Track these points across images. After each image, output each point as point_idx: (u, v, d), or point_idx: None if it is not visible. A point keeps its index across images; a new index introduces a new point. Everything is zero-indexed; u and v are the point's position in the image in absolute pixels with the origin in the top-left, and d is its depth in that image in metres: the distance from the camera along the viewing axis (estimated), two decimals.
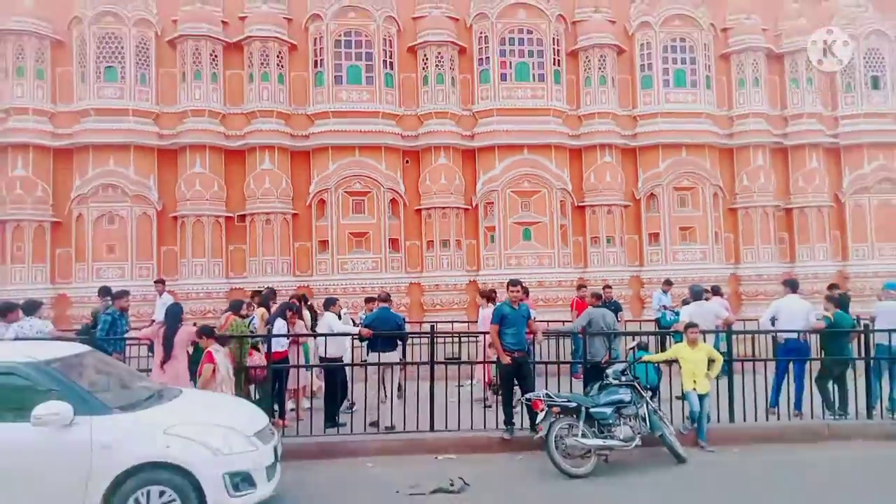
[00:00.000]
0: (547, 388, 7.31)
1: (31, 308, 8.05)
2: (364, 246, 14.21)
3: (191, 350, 7.58)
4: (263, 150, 13.96)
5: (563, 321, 11.27)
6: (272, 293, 10.29)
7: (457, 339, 10.56)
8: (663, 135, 15.03)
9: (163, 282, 12.40)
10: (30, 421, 4.69)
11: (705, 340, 7.98)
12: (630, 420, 6.88)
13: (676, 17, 15.27)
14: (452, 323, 11.75)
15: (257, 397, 7.86)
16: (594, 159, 14.98)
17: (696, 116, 15.21)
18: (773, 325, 8.80)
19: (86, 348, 6.15)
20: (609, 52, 15.06)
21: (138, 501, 4.78)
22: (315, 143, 14.23)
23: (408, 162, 14.73)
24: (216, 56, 14.05)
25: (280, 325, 8.28)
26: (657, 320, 12.04)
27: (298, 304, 9.25)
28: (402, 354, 8.60)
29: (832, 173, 15.92)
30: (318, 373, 9.08)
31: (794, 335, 8.52)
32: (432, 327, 8.53)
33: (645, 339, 8.74)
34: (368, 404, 8.14)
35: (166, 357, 7.11)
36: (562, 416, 6.71)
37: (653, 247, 15.15)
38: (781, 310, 8.74)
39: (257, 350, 7.92)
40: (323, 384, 8.73)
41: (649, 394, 7.45)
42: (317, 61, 14.38)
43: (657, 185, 15.11)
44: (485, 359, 8.95)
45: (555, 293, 14.13)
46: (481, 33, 14.88)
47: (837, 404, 8.26)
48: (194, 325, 8.93)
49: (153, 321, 10.08)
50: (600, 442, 6.61)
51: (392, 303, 9.30)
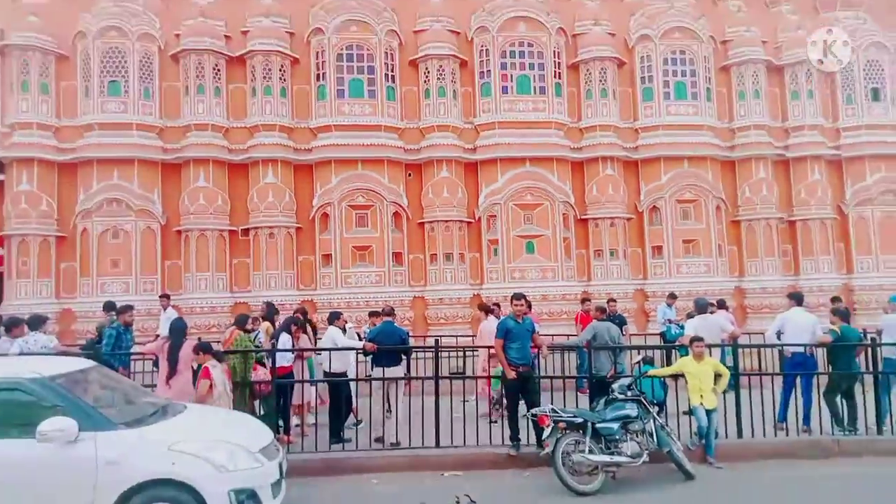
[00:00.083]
0: (552, 404, 7.26)
1: (36, 323, 8.06)
2: (367, 259, 14.18)
3: (195, 366, 7.54)
4: (266, 163, 13.99)
5: (568, 335, 11.26)
6: (273, 308, 10.27)
7: (461, 354, 10.52)
8: (665, 147, 15.07)
9: (168, 296, 12.42)
10: (35, 437, 4.67)
11: (711, 354, 7.94)
12: (637, 436, 6.83)
13: (676, 29, 15.35)
14: (457, 337, 11.71)
15: (262, 413, 7.82)
16: (596, 172, 15.01)
17: (697, 129, 15.25)
18: (778, 338, 8.75)
19: (91, 363, 6.13)
20: (609, 65, 15.13)
21: None
22: (318, 156, 14.26)
23: (410, 175, 14.76)
24: (219, 70, 14.12)
25: (285, 340, 8.26)
26: (662, 334, 12.01)
27: (304, 318, 9.23)
28: (406, 369, 8.56)
29: (835, 185, 15.92)
30: (322, 387, 9.04)
31: (801, 349, 8.47)
32: (437, 341, 8.48)
33: (650, 353, 8.71)
34: (373, 420, 8.09)
35: (171, 372, 7.09)
36: (568, 431, 6.66)
37: (656, 259, 15.14)
38: (787, 323, 8.69)
39: (262, 365, 7.89)
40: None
41: (656, 409, 7.39)
42: (319, 75, 14.44)
43: (659, 198, 15.12)
44: (488, 373, 8.91)
45: (559, 307, 14.10)
46: (482, 46, 14.95)
47: (846, 419, 8.18)
48: (199, 339, 8.91)
49: (157, 336, 10.05)
50: (607, 458, 6.55)
51: (396, 317, 9.29)
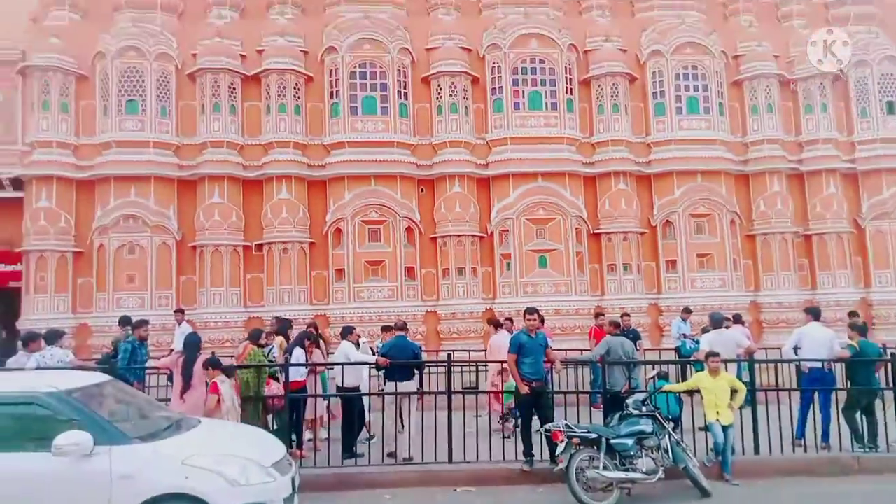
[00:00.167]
0: (566, 419, 7.20)
1: (53, 337, 8.13)
2: (380, 274, 14.23)
3: (209, 380, 7.58)
4: (280, 179, 14.13)
5: (581, 350, 11.18)
6: (287, 322, 10.31)
7: (474, 369, 10.48)
8: (678, 161, 15.05)
9: (182, 311, 12.52)
10: (50, 450, 4.70)
11: (727, 369, 7.85)
12: (652, 452, 6.74)
13: (688, 45, 15.38)
14: (469, 352, 11.68)
15: (275, 427, 7.83)
16: (609, 186, 15.00)
17: (710, 143, 15.23)
18: (795, 353, 8.66)
19: (106, 378, 6.18)
20: (621, 80, 15.17)
21: None
22: (331, 172, 14.39)
23: (423, 190, 14.83)
24: (235, 88, 14.35)
25: (298, 355, 8.28)
26: (677, 349, 11.89)
27: (316, 333, 9.25)
28: (419, 384, 8.54)
29: (850, 199, 15.78)
30: (335, 402, 9.03)
31: (819, 364, 8.35)
32: (449, 356, 8.42)
33: (665, 368, 8.61)
34: (386, 434, 8.06)
35: (185, 387, 7.11)
36: (582, 447, 6.59)
37: (670, 274, 15.04)
38: (804, 338, 8.60)
39: (275, 380, 7.91)
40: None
41: (671, 425, 7.30)
42: (333, 92, 14.61)
43: (673, 212, 15.06)
44: (501, 388, 8.87)
45: (572, 321, 14.03)
46: (494, 63, 15.06)
47: (866, 436, 8.01)
48: (212, 354, 8.96)
49: (172, 350, 10.11)
50: (622, 474, 6.47)
51: (408, 331, 9.29)
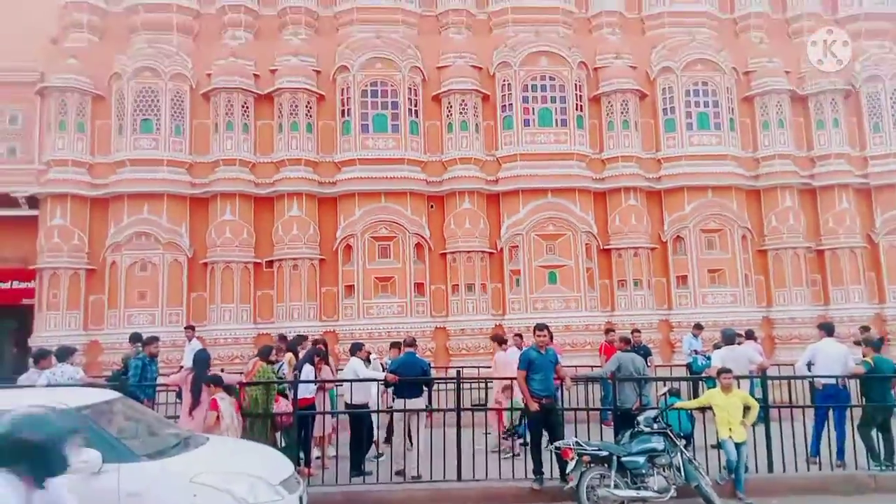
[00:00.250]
0: (576, 436, 7.14)
1: (64, 354, 8.19)
2: (389, 290, 14.24)
3: (209, 396, 7.59)
4: (292, 197, 14.24)
5: (592, 366, 11.09)
6: (301, 339, 10.34)
7: (483, 385, 10.42)
8: (688, 177, 15.01)
9: (192, 328, 12.57)
10: None
11: (739, 386, 7.76)
12: (664, 470, 6.67)
13: (698, 61, 15.40)
14: (479, 368, 11.61)
15: (283, 444, 7.81)
16: (619, 202, 14.97)
17: (720, 158, 15.18)
18: (809, 370, 8.55)
19: (116, 395, 6.19)
20: (631, 97, 15.20)
21: None
22: (342, 189, 14.48)
23: (433, 207, 14.88)
24: (248, 107, 14.53)
25: (308, 371, 8.28)
26: (688, 365, 11.77)
27: (325, 349, 9.25)
28: (428, 401, 8.51)
29: (863, 214, 15.63)
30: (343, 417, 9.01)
31: (833, 381, 8.24)
32: (458, 373, 8.40)
33: (676, 384, 8.53)
34: (395, 452, 8.02)
35: (194, 403, 7.13)
36: (593, 465, 6.54)
37: (681, 290, 14.93)
38: (818, 354, 8.50)
39: (284, 397, 7.91)
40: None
41: (683, 442, 7.22)
42: (344, 110, 14.76)
43: (683, 228, 14.99)
44: (509, 406, 8.81)
45: (582, 337, 13.95)
46: (504, 81, 15.16)
47: (883, 454, 7.89)
48: (222, 370, 9.00)
49: (181, 367, 10.15)
50: (634, 493, 6.40)
51: (417, 347, 9.26)
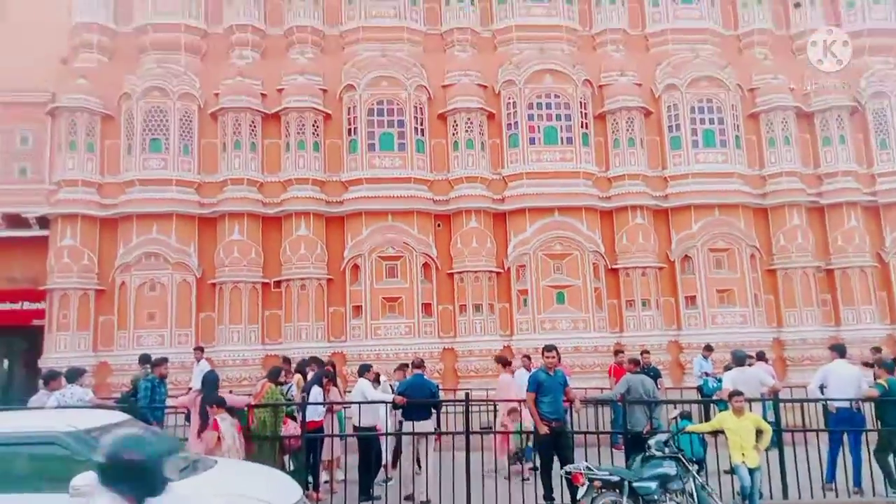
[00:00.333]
0: (586, 460, 7.07)
1: (74, 376, 8.20)
2: (397, 311, 14.19)
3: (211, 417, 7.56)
4: (299, 216, 14.26)
5: (601, 388, 11.02)
6: (314, 361, 10.28)
7: (492, 408, 10.34)
8: (695, 195, 14.97)
9: (201, 349, 12.53)
10: (68, 491, 4.67)
11: (751, 409, 7.67)
12: (676, 495, 6.58)
13: (703, 78, 15.42)
14: (487, 391, 11.51)
15: (292, 468, 7.76)
16: (626, 221, 14.93)
17: (727, 176, 15.15)
18: (821, 392, 8.43)
19: (125, 417, 6.19)
20: (636, 114, 15.23)
21: None
22: (349, 208, 14.51)
23: (439, 226, 14.88)
24: (255, 126, 14.62)
25: (316, 393, 8.24)
26: (699, 388, 11.64)
27: (333, 370, 9.22)
28: (436, 423, 8.45)
29: (872, 232, 15.52)
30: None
31: (846, 404, 8.13)
32: (467, 395, 8.30)
33: (687, 407, 8.45)
34: (403, 476, 7.95)
35: (203, 426, 7.09)
36: (604, 490, 6.47)
37: (690, 310, 14.82)
38: (830, 376, 8.39)
39: (293, 419, 7.86)
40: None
41: (695, 467, 7.13)
42: (351, 129, 14.82)
43: (691, 247, 14.91)
44: (520, 427, 8.75)
45: (591, 359, 13.82)
46: (509, 99, 15.23)
47: None
48: (230, 392, 8.97)
49: (190, 389, 10.13)
50: None
51: (426, 369, 9.22)
